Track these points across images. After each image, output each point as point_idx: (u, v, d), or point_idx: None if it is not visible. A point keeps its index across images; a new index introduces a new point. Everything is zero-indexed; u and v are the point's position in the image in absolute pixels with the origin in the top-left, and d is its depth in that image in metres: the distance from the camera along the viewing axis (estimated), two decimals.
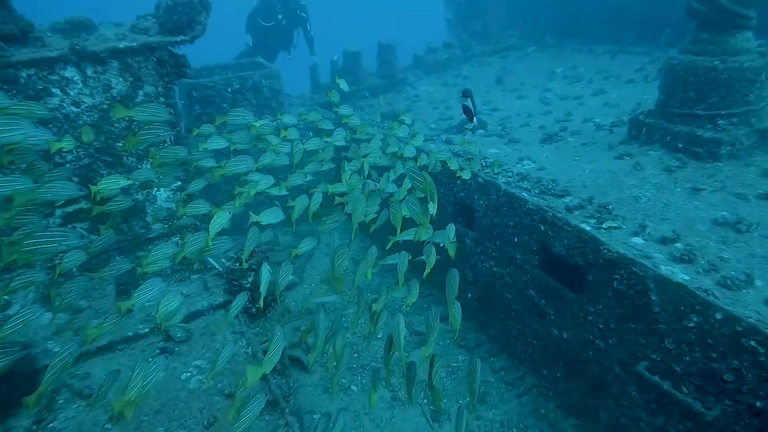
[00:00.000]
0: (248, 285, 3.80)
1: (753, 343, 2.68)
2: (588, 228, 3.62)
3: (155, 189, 4.35)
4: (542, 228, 3.95)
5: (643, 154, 4.64)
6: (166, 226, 4.41)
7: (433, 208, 3.27)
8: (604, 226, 3.61)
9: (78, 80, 3.71)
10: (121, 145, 3.94)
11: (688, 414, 3.02)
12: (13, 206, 2.83)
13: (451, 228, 3.55)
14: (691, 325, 2.96)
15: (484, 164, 4.79)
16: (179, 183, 4.46)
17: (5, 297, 3.52)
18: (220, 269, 4.36)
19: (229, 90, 7.41)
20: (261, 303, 3.13)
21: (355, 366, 4.99)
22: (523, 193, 4.17)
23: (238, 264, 3.87)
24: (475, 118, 4.26)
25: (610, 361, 3.58)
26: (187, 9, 3.90)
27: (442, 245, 3.51)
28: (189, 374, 3.41)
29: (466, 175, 4.36)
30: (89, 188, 3.13)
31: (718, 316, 2.82)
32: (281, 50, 9.95)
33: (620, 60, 8.52)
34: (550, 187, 4.17)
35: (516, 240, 4.29)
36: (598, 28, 9.44)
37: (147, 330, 3.69)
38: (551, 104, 7.34)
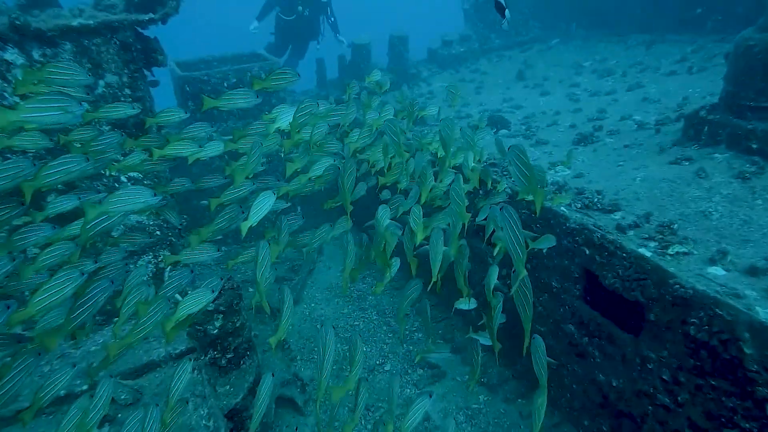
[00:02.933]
0: (215, 331, 3.08)
1: None
2: (649, 254, 2.86)
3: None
4: (587, 252, 3.19)
5: (706, 157, 3.85)
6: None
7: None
8: (669, 251, 2.84)
9: (21, 64, 3.04)
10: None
11: None
12: None
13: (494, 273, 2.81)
14: None
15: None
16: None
17: None
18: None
19: (225, 84, 6.75)
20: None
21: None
22: (562, 208, 3.41)
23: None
24: (507, 11, 3.55)
25: (680, 423, 2.81)
26: None
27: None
28: None
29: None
30: None
31: None
32: (311, 41, 9.31)
33: (657, 50, 7.68)
34: (595, 200, 3.41)
35: (552, 264, 3.54)
36: (629, 17, 8.59)
37: (86, 387, 2.90)
38: (580, 101, 6.56)
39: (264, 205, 3.18)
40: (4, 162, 2.47)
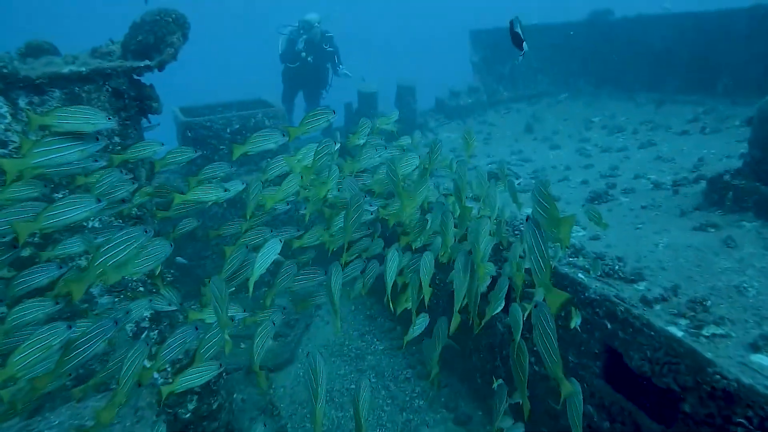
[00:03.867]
0: (188, 415, 2.72)
1: None
2: (680, 334, 2.55)
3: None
4: (609, 326, 2.89)
5: (732, 225, 3.60)
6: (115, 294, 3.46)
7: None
8: (704, 332, 2.54)
9: (6, 113, 2.87)
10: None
11: None
12: None
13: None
14: None
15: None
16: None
17: None
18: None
19: (228, 130, 6.64)
20: None
21: None
22: (580, 275, 3.14)
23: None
24: (524, 43, 3.39)
25: None
26: (156, 28, 3.10)
27: None
28: None
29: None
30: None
31: None
32: (322, 90, 9.33)
33: (667, 109, 7.60)
34: (617, 267, 3.13)
35: (568, 336, 3.22)
36: (638, 75, 8.60)
37: None
38: (592, 156, 6.40)
39: (270, 254, 3.06)
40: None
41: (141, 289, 3.37)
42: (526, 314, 2.54)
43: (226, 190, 3.24)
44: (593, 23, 9.26)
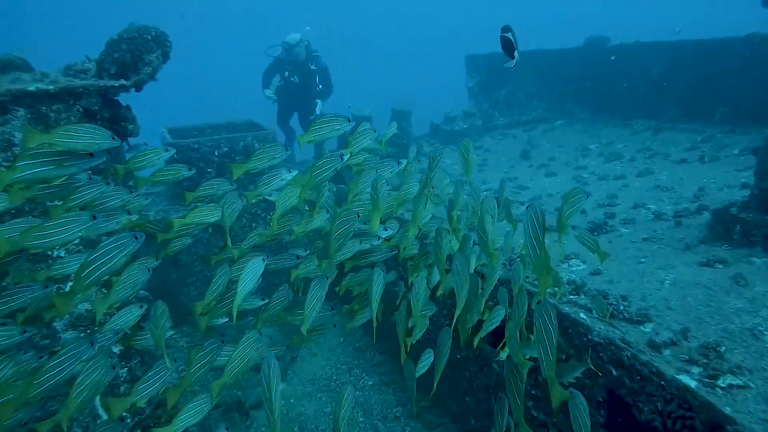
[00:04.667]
0: None
1: None
2: (694, 384, 2.32)
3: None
4: (614, 372, 2.66)
5: (741, 260, 3.40)
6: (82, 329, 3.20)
7: None
8: (720, 382, 2.32)
9: None
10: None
11: None
12: None
13: None
14: None
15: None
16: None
17: None
18: None
19: (216, 153, 6.45)
20: None
21: None
22: (582, 315, 2.91)
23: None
24: (516, 52, 3.23)
25: None
26: (132, 46, 2.91)
27: None
28: None
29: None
30: None
31: None
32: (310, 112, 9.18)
33: (664, 137, 7.50)
34: (621, 307, 2.91)
35: (569, 381, 2.98)
36: (635, 102, 8.54)
37: None
38: (588, 184, 6.25)
39: (253, 276, 2.91)
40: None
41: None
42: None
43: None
44: (590, 49, 9.25)
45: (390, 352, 5.47)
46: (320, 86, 8.56)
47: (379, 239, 3.54)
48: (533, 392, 3.21)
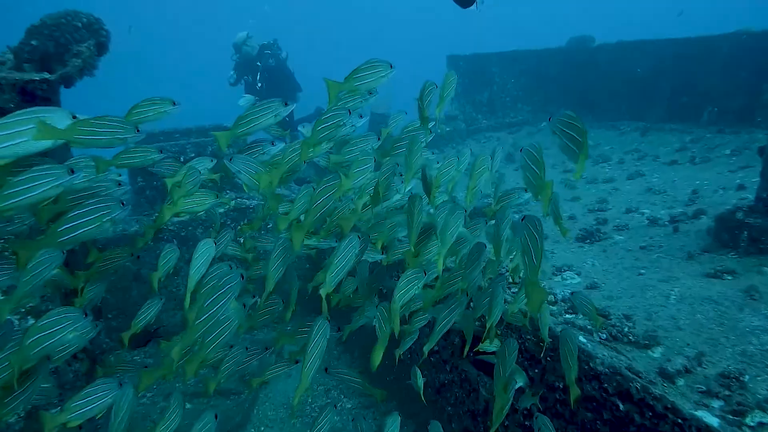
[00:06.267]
0: None
1: None
2: (716, 423, 1.98)
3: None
4: (621, 407, 2.30)
5: (752, 270, 3.10)
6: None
7: None
8: (748, 421, 1.98)
9: None
10: None
11: None
12: None
13: None
14: None
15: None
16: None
17: None
18: None
19: (182, 159, 6.01)
20: None
21: None
22: (581, 338, 2.56)
23: None
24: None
25: None
26: (57, 33, 2.46)
27: None
28: None
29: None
30: None
31: None
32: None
33: (652, 138, 7.27)
34: (626, 329, 2.57)
35: (568, 413, 2.63)
36: (621, 104, 8.31)
37: None
38: (577, 188, 5.96)
39: (204, 258, 2.70)
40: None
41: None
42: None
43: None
44: (573, 50, 9.01)
45: (368, 371, 5.08)
46: (260, 84, 7.79)
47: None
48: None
